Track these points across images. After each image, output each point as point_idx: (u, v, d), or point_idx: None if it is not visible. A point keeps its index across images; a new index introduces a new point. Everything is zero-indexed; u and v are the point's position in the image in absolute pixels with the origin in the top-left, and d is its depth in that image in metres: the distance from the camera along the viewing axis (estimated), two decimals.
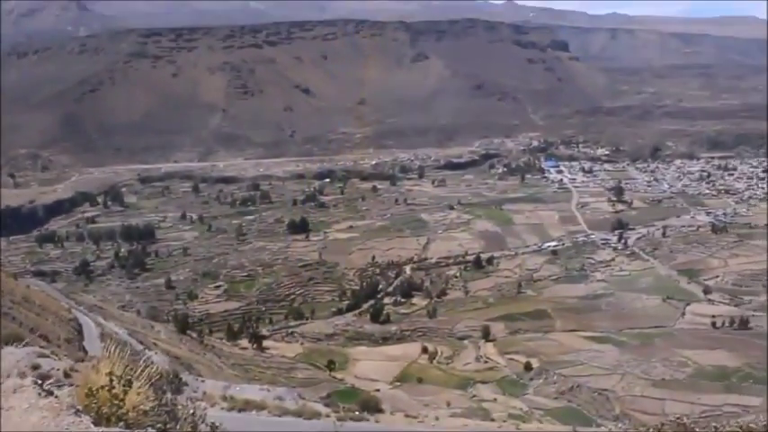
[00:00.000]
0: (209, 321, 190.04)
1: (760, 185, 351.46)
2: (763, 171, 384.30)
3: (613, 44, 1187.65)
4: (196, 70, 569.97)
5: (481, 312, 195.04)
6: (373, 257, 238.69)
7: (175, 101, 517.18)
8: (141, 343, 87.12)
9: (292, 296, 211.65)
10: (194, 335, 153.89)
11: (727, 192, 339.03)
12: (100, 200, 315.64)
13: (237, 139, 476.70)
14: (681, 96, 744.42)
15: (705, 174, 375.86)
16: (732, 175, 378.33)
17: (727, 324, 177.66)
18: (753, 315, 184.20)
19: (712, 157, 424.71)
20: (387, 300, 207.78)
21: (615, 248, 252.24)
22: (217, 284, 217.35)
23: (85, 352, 49.13)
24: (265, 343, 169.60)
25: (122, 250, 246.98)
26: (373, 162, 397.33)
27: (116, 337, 75.19)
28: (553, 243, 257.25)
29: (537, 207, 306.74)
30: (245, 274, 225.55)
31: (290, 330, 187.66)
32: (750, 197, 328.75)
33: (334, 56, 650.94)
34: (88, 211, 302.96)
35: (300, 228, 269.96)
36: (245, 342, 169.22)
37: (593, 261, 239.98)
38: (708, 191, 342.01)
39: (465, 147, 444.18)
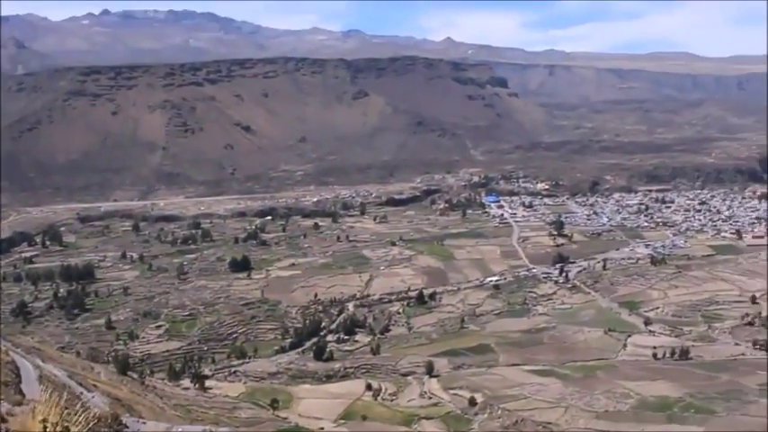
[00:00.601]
0: (150, 362, 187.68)
1: (697, 217, 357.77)
2: (700, 203, 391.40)
3: (551, 80, 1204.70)
4: (136, 108, 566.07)
5: (425, 348, 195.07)
6: (316, 295, 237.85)
7: (115, 139, 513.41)
8: (81, 385, 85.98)
9: (235, 335, 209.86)
10: (135, 376, 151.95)
11: (665, 224, 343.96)
12: (38, 240, 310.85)
13: (178, 177, 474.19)
14: (618, 131, 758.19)
15: (643, 207, 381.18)
16: (669, 207, 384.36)
17: (667, 354, 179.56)
18: (693, 345, 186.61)
19: (650, 191, 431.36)
20: (330, 337, 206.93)
21: (556, 282, 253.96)
22: (158, 324, 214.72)
23: (23, 395, 48.32)
24: (208, 383, 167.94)
25: (61, 290, 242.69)
26: (315, 199, 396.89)
27: (55, 379, 74.10)
28: (495, 278, 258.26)
29: (478, 242, 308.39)
30: (187, 313, 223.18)
31: (232, 369, 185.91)
32: (687, 229, 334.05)
33: (275, 93, 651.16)
34: (26, 251, 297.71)
35: (242, 266, 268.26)
36: (187, 382, 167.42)
37: (534, 295, 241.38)
38: (646, 223, 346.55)
39: (406, 183, 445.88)
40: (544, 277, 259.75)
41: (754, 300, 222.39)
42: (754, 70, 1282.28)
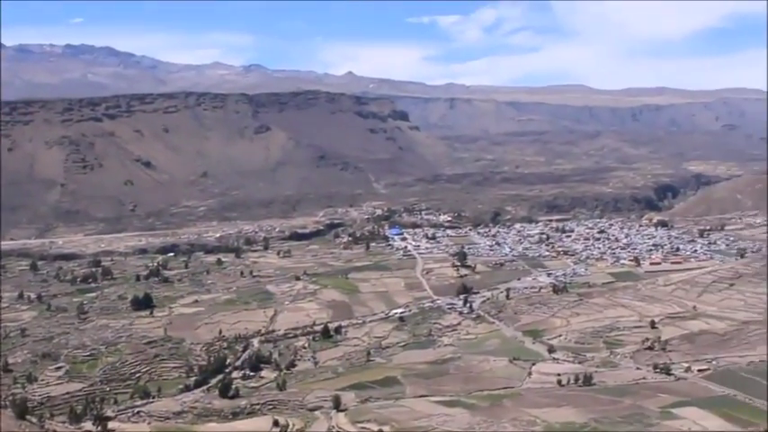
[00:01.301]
0: (50, 405, 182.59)
1: (596, 246, 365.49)
2: (598, 232, 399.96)
3: (452, 113, 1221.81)
4: (32, 144, 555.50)
5: (331, 382, 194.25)
6: (220, 331, 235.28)
7: (11, 176, 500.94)
8: None
9: (138, 374, 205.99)
10: (34, 420, 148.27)
11: (565, 253, 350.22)
12: None
13: (77, 214, 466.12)
14: (518, 162, 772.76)
15: (544, 236, 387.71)
16: (569, 236, 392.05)
17: (572, 381, 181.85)
18: (596, 371, 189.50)
19: (550, 220, 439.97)
20: (235, 374, 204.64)
21: (461, 313, 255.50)
22: (58, 365, 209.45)
23: None
24: (111, 424, 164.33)
25: None
26: (217, 235, 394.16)
27: None
28: (400, 310, 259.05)
29: (383, 275, 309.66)
30: (88, 353, 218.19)
31: (136, 410, 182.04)
32: (587, 257, 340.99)
33: (176, 128, 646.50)
34: None
35: (144, 304, 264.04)
36: (89, 425, 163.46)
37: (439, 326, 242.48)
38: (547, 253, 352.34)
39: (309, 217, 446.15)
40: (448, 308, 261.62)
41: (653, 324, 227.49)
42: (647, 102, 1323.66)
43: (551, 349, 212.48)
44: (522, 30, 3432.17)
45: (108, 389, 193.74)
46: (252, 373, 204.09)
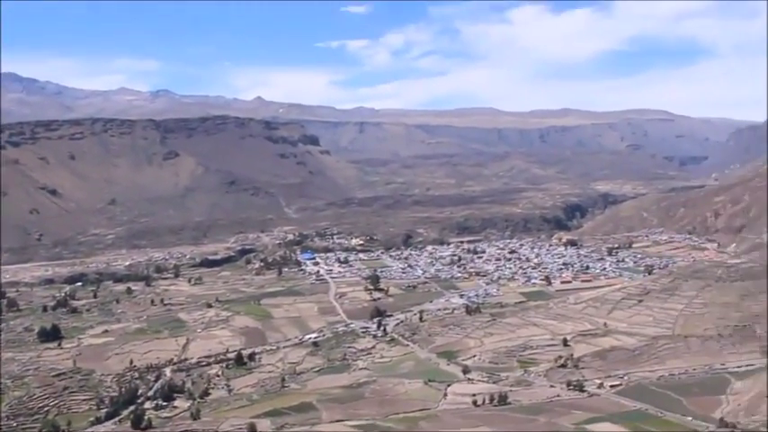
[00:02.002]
0: None
1: (507, 266, 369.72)
2: (509, 252, 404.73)
3: (362, 137, 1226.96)
4: None
5: (246, 410, 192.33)
6: (131, 361, 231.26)
7: None
8: None
9: (46, 408, 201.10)
10: None
11: (477, 274, 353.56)
12: None
13: None
14: (428, 185, 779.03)
15: (456, 258, 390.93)
16: (481, 257, 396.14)
17: (487, 401, 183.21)
18: (510, 390, 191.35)
19: (461, 242, 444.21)
20: (148, 404, 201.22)
21: (375, 336, 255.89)
22: None
23: None
24: None
25: None
26: (127, 263, 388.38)
27: None
28: (314, 335, 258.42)
29: (296, 300, 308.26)
30: None
31: None
32: (499, 278, 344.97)
33: (83, 155, 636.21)
34: None
35: (52, 335, 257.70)
36: None
37: (354, 350, 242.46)
38: (460, 274, 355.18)
39: (221, 243, 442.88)
40: (362, 332, 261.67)
41: (565, 342, 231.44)
42: (554, 123, 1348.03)
43: (466, 370, 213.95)
44: (430, 54, 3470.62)
45: (15, 424, 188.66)
46: (165, 403, 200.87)
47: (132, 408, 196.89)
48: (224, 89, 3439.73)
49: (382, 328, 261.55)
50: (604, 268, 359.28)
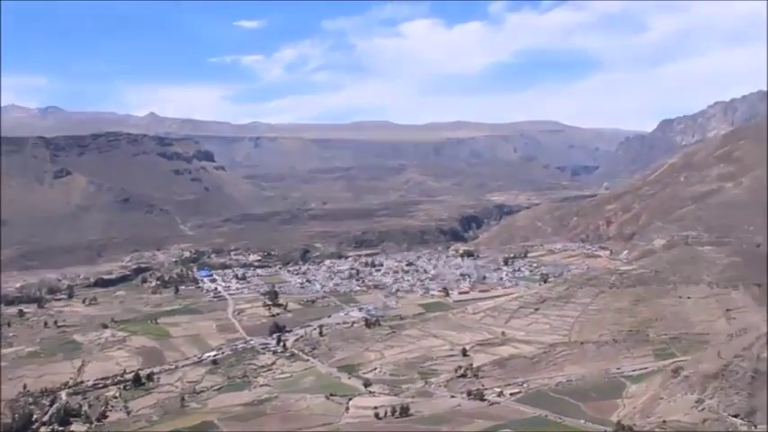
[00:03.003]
0: None
1: (405, 278, 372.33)
2: (407, 264, 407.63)
3: (257, 152, 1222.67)
4: None
5: (146, 431, 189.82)
6: (25, 386, 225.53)
7: None
8: None
9: None
10: None
11: (376, 287, 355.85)
12: None
13: None
14: (325, 199, 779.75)
15: (354, 271, 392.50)
16: (379, 270, 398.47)
17: (389, 413, 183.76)
18: (412, 401, 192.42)
19: (359, 255, 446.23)
20: (43, 430, 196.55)
21: (275, 352, 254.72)
22: None
23: None
24: None
25: None
26: (18, 284, 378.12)
27: None
28: (213, 353, 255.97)
29: (194, 318, 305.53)
30: None
31: None
32: (398, 290, 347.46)
33: None
34: None
35: None
36: None
37: (254, 366, 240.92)
38: (358, 287, 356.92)
39: (115, 262, 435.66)
40: (262, 348, 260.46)
41: (465, 352, 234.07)
42: (449, 136, 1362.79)
43: (367, 383, 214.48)
44: (324, 68, 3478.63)
45: None
46: (61, 428, 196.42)
47: None
48: (116, 105, 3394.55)
49: (282, 343, 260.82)
50: (501, 278, 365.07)
